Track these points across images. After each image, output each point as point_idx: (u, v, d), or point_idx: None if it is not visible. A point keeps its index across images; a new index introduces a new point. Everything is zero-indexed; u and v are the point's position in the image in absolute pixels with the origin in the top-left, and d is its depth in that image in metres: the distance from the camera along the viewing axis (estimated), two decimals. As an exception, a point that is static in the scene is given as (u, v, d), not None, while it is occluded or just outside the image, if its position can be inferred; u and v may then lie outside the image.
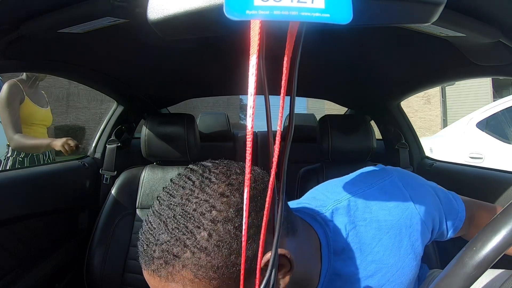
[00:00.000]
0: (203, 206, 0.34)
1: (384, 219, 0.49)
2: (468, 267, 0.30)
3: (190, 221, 0.34)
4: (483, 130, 2.89)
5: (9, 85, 1.52)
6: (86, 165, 1.25)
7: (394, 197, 0.51)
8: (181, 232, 0.34)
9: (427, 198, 0.53)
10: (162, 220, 0.35)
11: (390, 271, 0.49)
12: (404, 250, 0.50)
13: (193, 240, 0.33)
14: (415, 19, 0.35)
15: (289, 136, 0.33)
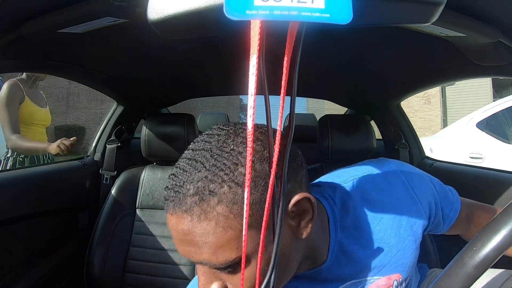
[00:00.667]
0: (240, 146, 0.36)
1: (384, 200, 0.52)
2: (468, 267, 0.30)
3: (228, 159, 0.35)
4: (483, 130, 2.89)
5: (9, 85, 1.51)
6: (86, 165, 1.25)
7: (393, 181, 0.55)
8: (218, 168, 0.34)
9: (423, 185, 0.57)
10: (198, 161, 0.35)
11: (391, 251, 0.51)
12: (404, 231, 0.52)
13: (231, 175, 0.34)
14: (415, 19, 0.35)
15: (289, 136, 0.33)
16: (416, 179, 0.57)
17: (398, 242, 0.52)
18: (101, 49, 0.83)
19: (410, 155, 1.39)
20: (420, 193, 0.55)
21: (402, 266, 0.52)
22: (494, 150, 2.74)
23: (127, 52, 0.88)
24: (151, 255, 1.04)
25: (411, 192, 0.54)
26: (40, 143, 1.54)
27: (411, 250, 0.53)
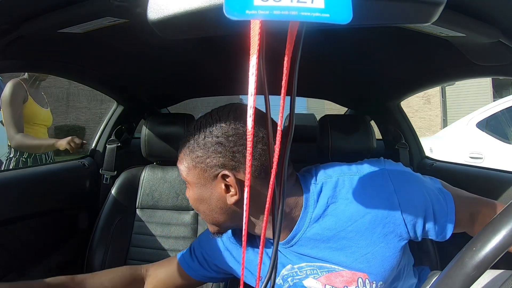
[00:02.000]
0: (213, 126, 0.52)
1: (363, 204, 0.54)
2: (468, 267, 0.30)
3: (201, 132, 0.53)
4: (483, 130, 2.89)
5: (13, 84, 1.52)
6: (86, 165, 1.25)
7: (379, 187, 0.55)
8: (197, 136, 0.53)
9: (413, 195, 0.55)
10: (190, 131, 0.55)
11: (358, 251, 0.54)
12: (376, 237, 0.54)
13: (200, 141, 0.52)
14: (415, 19, 0.35)
15: (289, 136, 0.33)
16: (406, 189, 0.55)
17: (368, 245, 0.54)
18: (101, 49, 0.83)
19: (410, 155, 1.39)
20: (405, 204, 0.54)
21: (370, 269, 0.54)
22: (494, 150, 2.74)
23: (127, 52, 0.88)
24: (151, 255, 1.04)
25: (395, 201, 0.54)
26: (47, 140, 1.55)
27: (384, 257, 0.54)
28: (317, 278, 0.57)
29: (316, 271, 0.57)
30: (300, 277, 0.58)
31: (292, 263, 0.59)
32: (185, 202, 1.10)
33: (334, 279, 0.56)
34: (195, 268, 0.71)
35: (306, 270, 0.58)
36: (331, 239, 0.55)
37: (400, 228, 0.54)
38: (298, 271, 0.58)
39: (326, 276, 0.56)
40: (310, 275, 0.57)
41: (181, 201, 1.10)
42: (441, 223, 0.56)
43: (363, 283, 0.55)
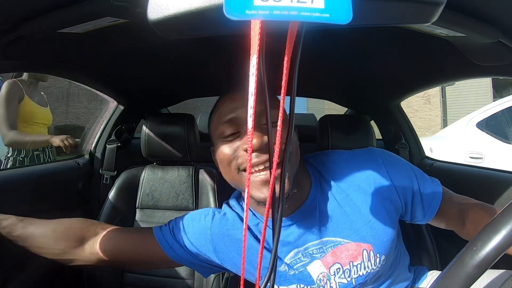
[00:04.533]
0: None
1: (358, 173, 0.61)
2: (468, 267, 0.30)
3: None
4: (483, 130, 2.89)
5: (8, 84, 1.55)
6: (80, 165, 1.25)
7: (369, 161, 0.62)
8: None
9: (400, 169, 0.62)
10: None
11: (362, 218, 0.58)
12: (376, 203, 0.58)
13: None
14: (415, 19, 0.35)
15: (289, 136, 0.33)
16: (394, 164, 0.62)
17: (370, 211, 0.58)
18: (101, 49, 0.83)
19: (410, 155, 1.39)
20: (395, 175, 0.60)
21: (374, 238, 0.57)
22: (494, 150, 2.73)
23: (127, 52, 0.88)
24: (151, 255, 1.04)
25: (385, 172, 0.60)
26: (41, 136, 1.58)
27: (385, 224, 0.58)
28: (322, 257, 0.57)
29: (322, 248, 0.58)
30: (304, 263, 0.58)
31: (298, 246, 0.59)
32: (185, 202, 1.10)
33: (340, 254, 0.57)
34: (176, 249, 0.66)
35: (312, 250, 0.58)
36: (337, 208, 0.59)
37: (393, 195, 0.59)
38: (302, 257, 0.58)
39: (332, 252, 0.57)
40: (316, 254, 0.58)
41: (181, 201, 1.10)
42: (428, 199, 0.61)
43: (368, 256, 0.57)
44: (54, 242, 0.64)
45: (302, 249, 0.59)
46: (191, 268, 1.02)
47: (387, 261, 0.59)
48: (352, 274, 0.57)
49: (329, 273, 0.58)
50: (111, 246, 0.65)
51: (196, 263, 0.68)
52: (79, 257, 0.65)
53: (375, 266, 0.58)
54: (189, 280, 1.01)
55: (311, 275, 0.58)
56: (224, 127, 0.57)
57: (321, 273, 0.58)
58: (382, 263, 0.58)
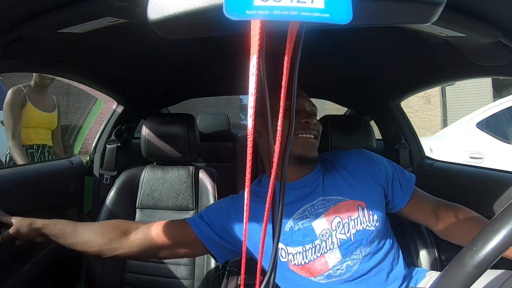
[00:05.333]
0: None
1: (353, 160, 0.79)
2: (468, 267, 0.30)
3: None
4: (483, 130, 2.89)
5: (12, 91, 1.65)
6: (74, 164, 1.25)
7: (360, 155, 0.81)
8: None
9: (385, 162, 0.80)
10: None
11: (359, 184, 0.74)
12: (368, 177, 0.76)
13: None
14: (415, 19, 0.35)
15: (289, 136, 0.33)
16: (379, 158, 0.81)
17: (364, 181, 0.75)
18: (101, 49, 0.83)
19: (410, 155, 1.39)
20: (380, 164, 0.79)
21: (366, 197, 0.72)
22: (494, 150, 2.73)
23: (127, 52, 0.88)
24: (151, 255, 1.04)
25: (373, 161, 0.79)
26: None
27: (373, 187, 0.75)
28: (325, 211, 0.70)
29: (325, 204, 0.71)
30: (309, 219, 0.70)
31: (307, 202, 0.71)
32: (185, 202, 1.10)
33: (340, 209, 0.70)
34: (202, 228, 0.75)
35: (317, 206, 0.71)
36: (337, 176, 0.76)
37: (379, 174, 0.77)
38: (308, 214, 0.70)
39: (334, 208, 0.70)
40: (320, 209, 0.70)
41: (181, 201, 1.10)
42: (404, 182, 0.78)
43: (363, 212, 0.70)
44: (101, 235, 0.72)
45: (309, 206, 0.71)
46: (191, 268, 1.02)
47: (380, 224, 0.71)
48: (351, 229, 0.68)
49: (331, 229, 0.69)
50: (151, 234, 0.74)
51: (217, 242, 0.75)
52: (123, 245, 0.72)
53: (369, 223, 0.70)
54: (189, 280, 1.01)
55: (315, 230, 0.69)
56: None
57: (323, 229, 0.69)
58: (375, 224, 0.70)
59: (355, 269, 0.68)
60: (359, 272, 0.67)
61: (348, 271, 0.67)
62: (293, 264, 0.69)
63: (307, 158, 0.73)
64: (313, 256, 0.68)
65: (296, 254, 0.69)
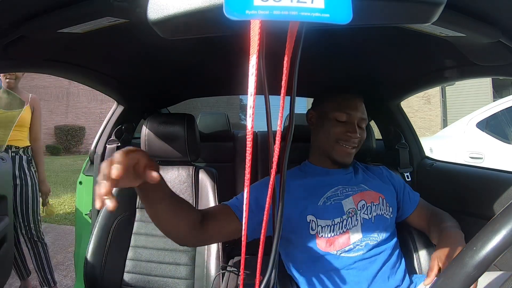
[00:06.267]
0: None
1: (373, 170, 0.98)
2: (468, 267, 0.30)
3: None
4: (483, 130, 2.89)
5: None
6: (4, 160, 1.27)
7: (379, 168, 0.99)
8: None
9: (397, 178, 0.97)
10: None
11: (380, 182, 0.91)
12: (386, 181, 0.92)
13: None
14: (415, 19, 0.35)
15: (289, 136, 0.33)
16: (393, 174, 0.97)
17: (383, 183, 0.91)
18: (101, 49, 0.83)
19: (410, 155, 1.39)
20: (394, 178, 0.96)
21: (385, 192, 0.87)
22: (494, 150, 2.73)
23: (127, 52, 0.88)
24: (150, 255, 1.04)
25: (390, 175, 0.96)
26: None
27: (389, 188, 0.90)
28: (354, 194, 0.83)
29: (355, 189, 0.84)
30: (340, 197, 0.82)
31: (342, 184, 0.85)
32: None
33: (365, 195, 0.84)
34: (238, 204, 0.78)
35: (348, 189, 0.84)
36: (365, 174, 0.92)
37: (394, 183, 0.93)
38: (339, 193, 0.83)
39: (361, 193, 0.84)
40: (350, 192, 0.83)
41: (181, 201, 1.10)
42: (411, 193, 0.94)
43: (382, 202, 0.84)
44: (193, 221, 0.71)
45: (341, 187, 0.84)
46: (191, 268, 1.02)
47: (393, 217, 0.85)
48: (372, 212, 0.81)
49: (356, 208, 0.81)
50: (206, 221, 0.73)
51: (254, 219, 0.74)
52: (201, 234, 0.72)
53: (386, 212, 0.84)
54: (189, 280, 1.01)
55: (343, 207, 0.80)
56: (341, 115, 0.84)
57: (350, 208, 0.80)
58: (390, 215, 0.84)
59: (371, 248, 0.77)
60: (374, 252, 0.77)
61: (366, 249, 0.77)
62: (320, 236, 0.78)
63: (341, 163, 0.87)
64: (339, 231, 0.78)
65: (325, 227, 0.78)
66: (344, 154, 0.85)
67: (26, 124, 1.79)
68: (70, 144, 9.74)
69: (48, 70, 0.94)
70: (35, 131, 1.84)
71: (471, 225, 0.90)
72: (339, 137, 0.84)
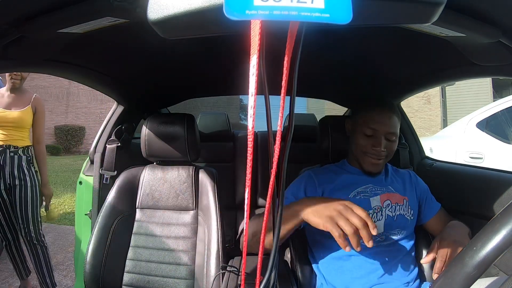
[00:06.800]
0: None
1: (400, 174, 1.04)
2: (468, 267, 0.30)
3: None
4: (483, 130, 2.88)
5: None
6: None
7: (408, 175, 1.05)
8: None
9: (422, 185, 1.02)
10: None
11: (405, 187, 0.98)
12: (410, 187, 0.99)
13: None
14: (415, 19, 0.35)
15: (289, 136, 0.33)
16: (419, 181, 1.03)
17: (408, 188, 0.98)
18: (101, 49, 0.83)
19: (410, 155, 1.39)
20: (419, 184, 1.01)
21: (409, 196, 0.94)
22: (494, 150, 2.73)
23: (127, 52, 0.88)
24: (150, 255, 1.04)
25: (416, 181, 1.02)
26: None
27: (412, 194, 0.96)
28: (381, 194, 0.90)
29: (383, 189, 0.92)
30: (369, 194, 0.90)
31: (373, 183, 0.93)
32: (185, 202, 1.10)
33: (391, 196, 0.91)
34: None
35: (377, 189, 0.92)
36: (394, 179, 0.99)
37: (418, 189, 0.99)
38: (369, 191, 0.91)
39: (388, 194, 0.91)
40: (378, 191, 0.91)
41: (181, 201, 1.10)
42: (433, 200, 1.00)
43: (406, 204, 0.92)
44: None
45: (371, 186, 0.93)
46: (191, 268, 1.02)
47: (413, 219, 0.92)
48: (396, 211, 0.89)
49: (382, 206, 0.89)
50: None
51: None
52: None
53: (408, 213, 0.91)
54: (189, 280, 1.01)
55: (371, 204, 0.89)
56: (367, 130, 0.90)
57: (376, 205, 0.89)
58: (411, 217, 0.91)
59: (391, 242, 0.87)
60: (393, 246, 0.86)
61: (386, 242, 0.86)
62: None
63: (368, 172, 0.94)
64: None
65: None
66: (370, 164, 0.92)
67: (26, 125, 1.75)
68: (70, 144, 9.74)
69: (48, 70, 0.94)
70: (37, 133, 1.80)
71: (471, 225, 0.90)
72: (365, 150, 0.91)
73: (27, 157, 1.75)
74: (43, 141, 1.83)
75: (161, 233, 1.07)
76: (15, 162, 1.70)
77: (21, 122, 1.73)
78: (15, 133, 1.72)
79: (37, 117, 1.79)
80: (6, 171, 1.69)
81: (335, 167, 1.02)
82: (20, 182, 1.69)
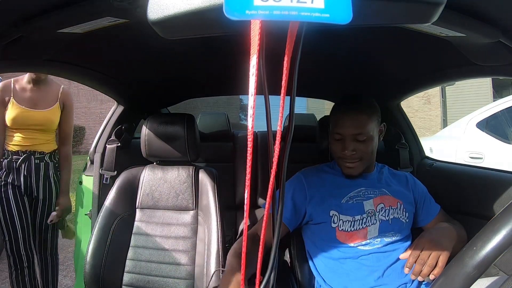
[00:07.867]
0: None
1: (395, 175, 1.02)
2: (468, 267, 0.30)
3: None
4: (483, 130, 2.88)
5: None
6: None
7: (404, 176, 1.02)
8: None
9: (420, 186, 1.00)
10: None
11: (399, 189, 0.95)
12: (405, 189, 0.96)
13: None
14: (415, 19, 0.35)
15: (289, 136, 0.33)
16: (417, 183, 1.00)
17: (403, 189, 0.95)
18: (101, 49, 0.83)
19: (410, 155, 1.39)
20: (417, 185, 0.99)
21: (403, 199, 0.92)
22: (494, 150, 2.73)
23: (127, 52, 0.88)
24: (150, 255, 1.04)
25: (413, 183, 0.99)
26: None
27: (409, 199, 0.93)
28: (374, 197, 0.89)
29: (376, 192, 0.91)
30: (362, 198, 0.89)
31: (364, 186, 0.91)
32: (185, 202, 1.10)
33: (384, 199, 0.90)
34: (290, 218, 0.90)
35: (369, 191, 0.91)
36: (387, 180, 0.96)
37: (411, 194, 0.95)
38: (362, 194, 0.90)
39: (381, 197, 0.90)
40: (371, 195, 0.90)
41: (181, 201, 1.10)
42: (432, 203, 0.97)
43: (400, 207, 0.90)
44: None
45: (363, 189, 0.91)
46: (191, 268, 1.02)
47: (409, 221, 0.90)
48: (389, 215, 0.88)
49: (375, 210, 0.88)
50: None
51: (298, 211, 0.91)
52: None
53: (402, 216, 0.89)
54: (189, 280, 1.01)
55: (364, 207, 0.88)
56: (335, 134, 0.88)
57: (370, 209, 0.88)
58: (406, 219, 0.89)
59: (386, 244, 0.85)
60: (388, 248, 0.85)
61: (381, 244, 0.85)
62: (340, 230, 0.86)
63: (348, 176, 0.93)
64: (359, 227, 0.86)
65: (346, 221, 0.86)
66: (346, 168, 0.90)
67: (53, 127, 1.50)
68: (70, 144, 9.73)
69: (48, 70, 0.94)
70: (65, 132, 1.54)
71: (471, 225, 0.90)
72: (338, 155, 0.90)
73: (55, 164, 1.51)
74: (70, 142, 1.57)
75: (161, 233, 1.07)
76: (41, 171, 1.46)
77: (47, 124, 1.48)
78: (40, 136, 1.48)
79: (65, 114, 1.53)
80: (30, 182, 1.45)
81: (327, 167, 1.01)
82: (44, 195, 1.47)
